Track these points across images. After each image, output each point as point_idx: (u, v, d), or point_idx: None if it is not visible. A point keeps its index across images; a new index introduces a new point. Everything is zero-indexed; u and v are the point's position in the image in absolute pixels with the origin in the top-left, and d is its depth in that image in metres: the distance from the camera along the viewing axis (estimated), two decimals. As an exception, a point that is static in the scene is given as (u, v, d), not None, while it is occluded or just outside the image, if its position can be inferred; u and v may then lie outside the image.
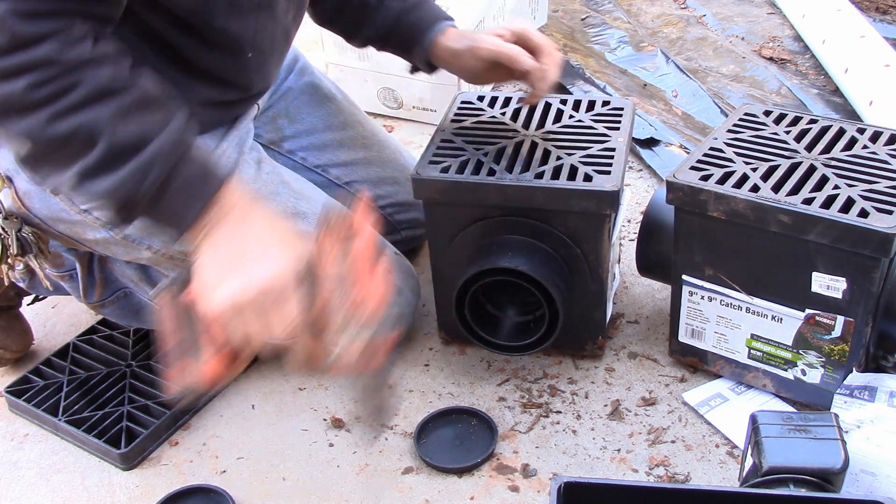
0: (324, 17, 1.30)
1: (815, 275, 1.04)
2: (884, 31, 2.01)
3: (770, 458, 0.90)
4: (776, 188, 1.05)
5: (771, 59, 2.10)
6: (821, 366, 1.11)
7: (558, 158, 1.16)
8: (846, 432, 0.96)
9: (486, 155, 1.19)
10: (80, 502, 1.13)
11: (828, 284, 1.04)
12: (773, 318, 1.11)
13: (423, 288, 1.35)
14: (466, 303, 1.17)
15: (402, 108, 1.91)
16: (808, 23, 2.11)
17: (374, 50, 1.31)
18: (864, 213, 0.99)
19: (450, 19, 1.24)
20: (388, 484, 1.12)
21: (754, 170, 1.09)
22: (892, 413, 1.00)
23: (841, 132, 1.16)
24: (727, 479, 1.09)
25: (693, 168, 1.11)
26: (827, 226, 1.00)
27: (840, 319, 1.06)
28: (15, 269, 1.21)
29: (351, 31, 1.29)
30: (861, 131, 1.16)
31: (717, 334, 1.17)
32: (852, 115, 1.79)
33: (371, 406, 0.92)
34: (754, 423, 0.94)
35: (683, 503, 0.83)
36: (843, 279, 1.03)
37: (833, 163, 1.10)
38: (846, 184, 1.05)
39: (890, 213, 0.99)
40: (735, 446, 1.13)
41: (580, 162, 1.15)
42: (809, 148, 1.14)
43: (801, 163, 1.10)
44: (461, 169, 1.16)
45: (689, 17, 2.33)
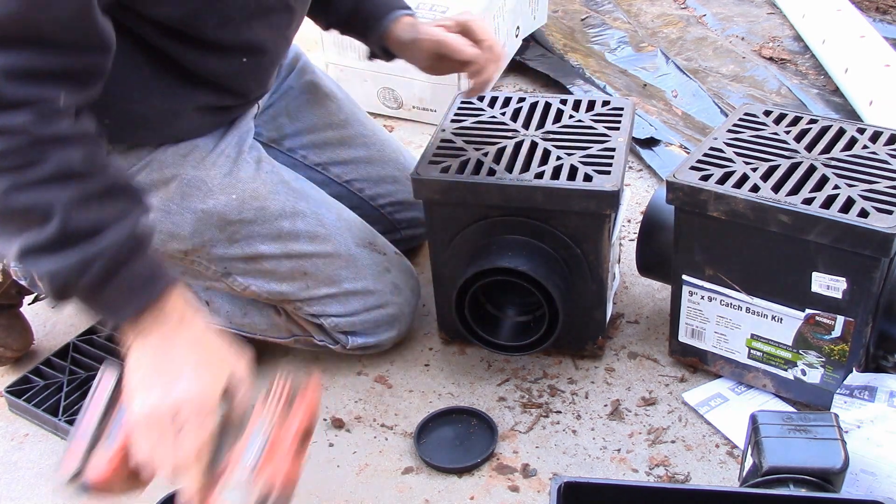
0: None
1: (815, 275, 1.04)
2: (884, 31, 2.01)
3: (770, 458, 0.90)
4: (776, 188, 1.06)
5: (771, 59, 2.10)
6: (821, 366, 1.11)
7: (558, 158, 1.16)
8: (846, 432, 0.96)
9: (486, 155, 1.19)
10: (80, 502, 1.13)
11: (828, 284, 1.04)
12: (773, 318, 1.11)
13: (423, 288, 1.35)
14: (466, 303, 1.17)
15: (402, 108, 1.91)
16: (808, 23, 2.11)
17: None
18: (864, 213, 0.99)
19: (406, 8, 1.23)
20: (388, 484, 1.12)
21: (754, 170, 1.09)
22: (892, 413, 1.00)
23: (841, 132, 1.16)
24: (727, 479, 1.09)
25: (693, 168, 1.11)
26: (827, 226, 1.00)
27: (840, 319, 1.06)
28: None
29: (316, 14, 1.27)
30: (861, 131, 1.16)
31: (717, 334, 1.18)
32: (852, 115, 1.79)
33: None
34: (754, 423, 0.94)
35: (683, 503, 0.83)
36: (843, 279, 1.03)
37: (833, 163, 1.10)
38: (846, 184, 1.05)
39: (890, 213, 0.99)
40: (735, 446, 1.13)
41: (580, 162, 1.15)
42: (809, 148, 1.14)
43: (801, 163, 1.10)
44: (461, 169, 1.16)
45: (689, 17, 2.33)
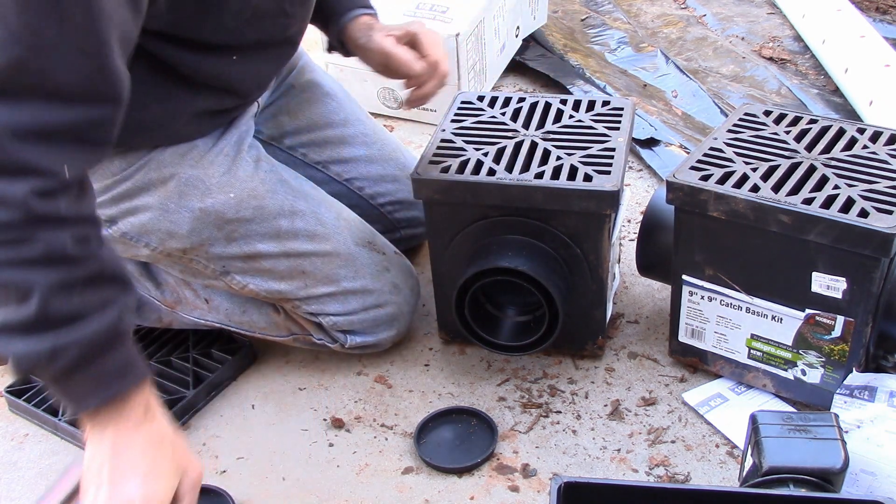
0: None
1: (815, 275, 1.04)
2: (884, 31, 2.01)
3: (770, 458, 0.90)
4: (776, 188, 1.05)
5: (771, 59, 2.10)
6: (821, 366, 1.11)
7: (558, 158, 1.16)
8: (846, 432, 0.96)
9: (486, 155, 1.19)
10: (80, 502, 1.13)
11: (828, 284, 1.04)
12: (773, 318, 1.11)
13: (423, 288, 1.35)
14: (466, 303, 1.17)
15: (403, 108, 1.91)
16: (808, 23, 2.11)
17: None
18: (864, 213, 0.99)
19: (367, 7, 1.23)
20: (388, 484, 1.12)
21: (754, 170, 1.09)
22: (892, 413, 1.00)
23: (841, 132, 1.16)
24: (727, 479, 1.09)
25: (693, 168, 1.11)
26: (827, 226, 1.00)
27: (840, 319, 1.06)
28: None
29: None
30: (861, 131, 1.16)
31: (717, 334, 1.17)
32: (852, 115, 1.79)
33: None
34: (754, 423, 0.94)
35: (683, 503, 0.83)
36: (843, 279, 1.03)
37: (833, 163, 1.10)
38: (846, 184, 1.05)
39: (890, 213, 0.99)
40: (735, 446, 1.13)
41: (580, 162, 1.15)
42: (809, 148, 1.14)
43: (801, 163, 1.10)
44: (461, 169, 1.16)
45: (689, 17, 2.33)
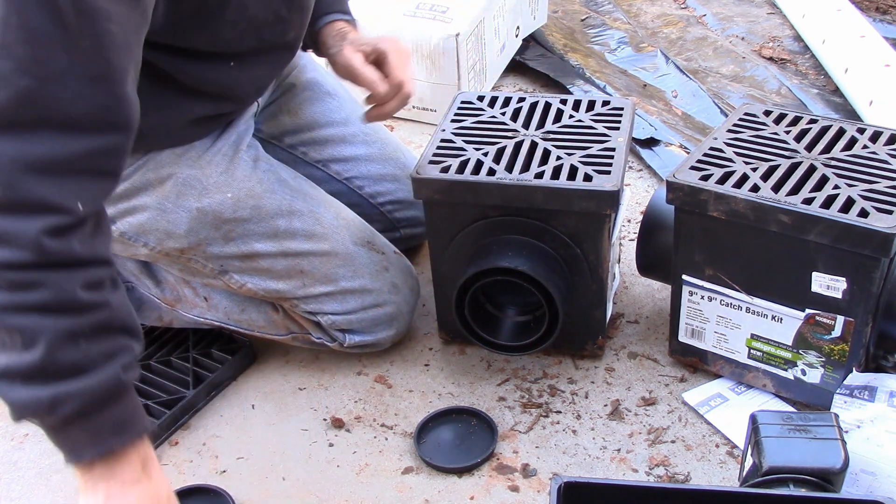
0: None
1: (815, 275, 1.04)
2: (884, 31, 2.01)
3: (770, 458, 0.90)
4: (776, 188, 1.05)
5: (771, 59, 2.10)
6: (821, 366, 1.11)
7: (558, 158, 1.16)
8: (846, 432, 0.96)
9: (486, 155, 1.19)
10: None
11: (828, 284, 1.04)
12: (773, 318, 1.11)
13: (423, 288, 1.35)
14: (466, 303, 1.17)
15: (402, 108, 1.91)
16: (808, 23, 2.11)
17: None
18: (864, 213, 0.99)
19: (344, 13, 1.23)
20: (388, 484, 1.12)
21: (754, 170, 1.09)
22: (892, 413, 1.00)
23: (841, 132, 1.16)
24: (727, 479, 1.09)
25: (693, 168, 1.11)
26: (827, 226, 1.00)
27: (840, 319, 1.06)
28: None
29: None
30: (861, 131, 1.16)
31: (717, 334, 1.17)
32: (852, 115, 1.79)
33: None
34: (754, 423, 0.94)
35: (683, 503, 0.83)
36: (843, 279, 1.03)
37: (833, 163, 1.10)
38: (846, 184, 1.05)
39: (890, 213, 0.99)
40: (735, 446, 1.13)
41: (580, 162, 1.15)
42: (809, 148, 1.14)
43: (801, 163, 1.10)
44: (461, 169, 1.16)
45: (689, 17, 2.33)
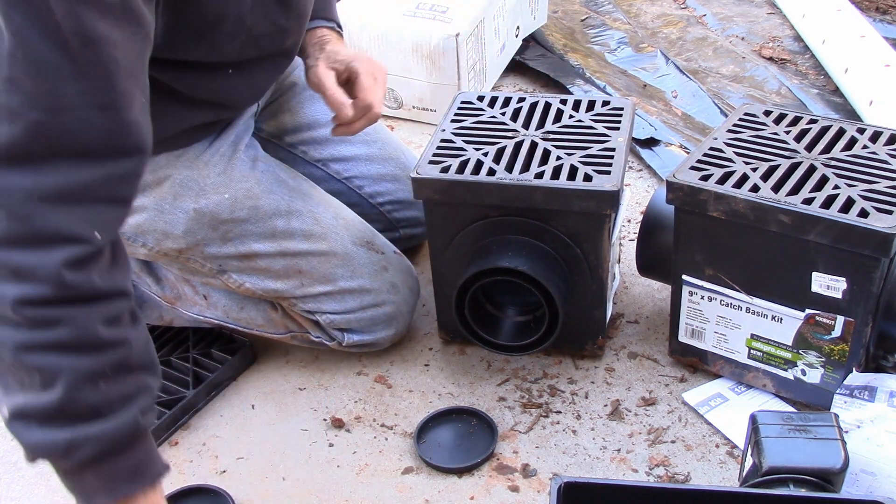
0: None
1: (815, 275, 1.04)
2: (884, 31, 2.01)
3: (770, 458, 0.90)
4: (776, 188, 1.05)
5: (771, 59, 2.10)
6: (821, 366, 1.11)
7: (558, 158, 1.16)
8: (846, 432, 0.96)
9: (486, 155, 1.18)
10: None
11: (828, 284, 1.04)
12: (773, 318, 1.11)
13: (423, 288, 1.35)
14: (466, 303, 1.17)
15: (402, 108, 1.91)
16: (808, 23, 2.11)
17: (372, 50, 1.30)
18: (864, 213, 0.99)
19: (328, 20, 1.23)
20: (388, 484, 1.12)
21: (754, 170, 1.09)
22: (892, 413, 1.00)
23: (841, 132, 1.16)
24: (727, 479, 1.09)
25: (693, 168, 1.11)
26: (827, 226, 1.00)
27: (840, 319, 1.06)
28: None
29: None
30: (861, 131, 1.16)
31: (717, 334, 1.17)
32: (852, 115, 1.79)
33: None
34: (754, 423, 0.94)
35: (683, 503, 0.83)
36: (843, 279, 1.03)
37: (833, 163, 1.10)
38: (846, 184, 1.05)
39: (890, 213, 0.99)
40: (735, 446, 1.13)
41: (580, 162, 1.15)
42: (809, 148, 1.13)
43: (801, 163, 1.10)
44: (461, 169, 1.16)
45: (689, 17, 2.33)
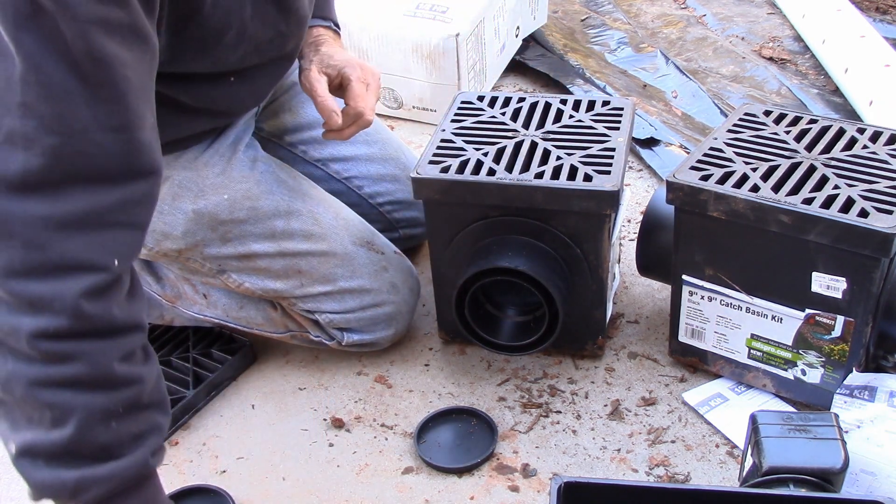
0: None
1: (815, 275, 1.04)
2: (884, 31, 2.01)
3: (770, 458, 0.90)
4: (776, 188, 1.05)
5: (771, 59, 2.10)
6: (821, 366, 1.11)
7: (558, 158, 1.16)
8: (846, 432, 0.96)
9: (486, 155, 1.18)
10: None
11: (828, 284, 1.04)
12: (773, 318, 1.11)
13: (423, 288, 1.35)
14: (466, 303, 1.17)
15: (402, 108, 1.91)
16: (808, 23, 2.11)
17: (373, 50, 1.30)
18: (864, 213, 0.99)
19: (326, 20, 1.23)
20: (388, 484, 1.12)
21: (754, 170, 1.09)
22: (892, 413, 1.00)
23: (841, 132, 1.16)
24: (727, 479, 1.09)
25: (693, 168, 1.11)
26: (827, 226, 1.00)
27: (840, 319, 1.06)
28: None
29: None
30: (861, 131, 1.16)
31: (717, 334, 1.17)
32: (852, 115, 1.79)
33: None
34: (754, 423, 0.94)
35: (683, 503, 0.83)
36: (843, 279, 1.03)
37: (833, 163, 1.10)
38: (846, 184, 1.05)
39: (890, 213, 0.99)
40: (735, 446, 1.13)
41: (580, 162, 1.15)
42: (809, 148, 1.13)
43: (801, 163, 1.10)
44: (461, 169, 1.16)
45: (689, 17, 2.33)
